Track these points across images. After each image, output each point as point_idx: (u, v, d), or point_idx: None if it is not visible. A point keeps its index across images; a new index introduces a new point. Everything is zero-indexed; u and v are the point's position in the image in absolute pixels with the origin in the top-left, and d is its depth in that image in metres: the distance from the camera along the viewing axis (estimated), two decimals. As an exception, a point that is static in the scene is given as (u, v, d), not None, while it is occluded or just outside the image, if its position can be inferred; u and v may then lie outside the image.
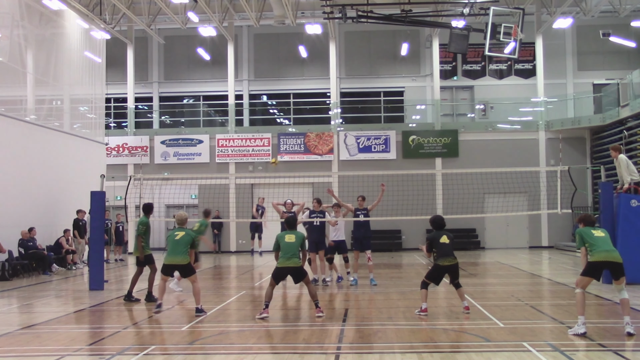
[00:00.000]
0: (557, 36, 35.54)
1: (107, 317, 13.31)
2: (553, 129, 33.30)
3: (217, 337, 10.68)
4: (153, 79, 38.51)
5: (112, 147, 33.61)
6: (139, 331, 11.09)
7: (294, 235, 12.48)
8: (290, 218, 13.25)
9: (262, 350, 9.51)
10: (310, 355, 9.21)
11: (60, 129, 26.47)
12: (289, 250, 12.23)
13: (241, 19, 35.39)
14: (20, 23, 23.65)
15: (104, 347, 10.03)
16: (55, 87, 26.79)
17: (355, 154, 33.69)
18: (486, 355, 8.79)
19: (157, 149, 34.57)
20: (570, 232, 32.58)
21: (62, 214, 24.25)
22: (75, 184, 24.90)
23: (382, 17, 23.61)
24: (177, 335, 10.74)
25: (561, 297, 14.80)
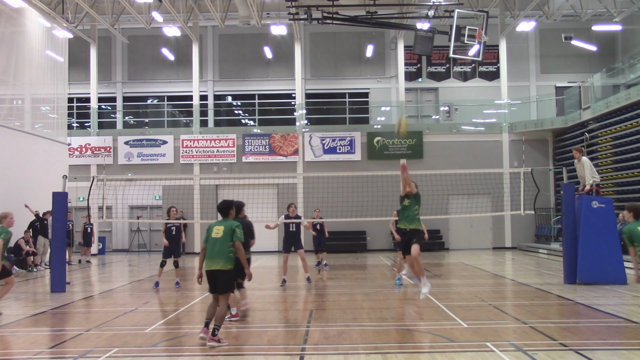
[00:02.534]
0: (521, 39, 35.94)
1: (69, 320, 13.13)
2: (516, 130, 33.64)
3: (182, 339, 10.60)
4: (117, 79, 38.17)
5: (75, 147, 33.26)
6: (102, 333, 10.95)
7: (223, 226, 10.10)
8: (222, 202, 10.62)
9: (227, 351, 9.45)
10: (275, 356, 9.19)
11: (21, 129, 26.06)
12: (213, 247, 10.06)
13: (206, 19, 35.21)
14: (-21, 21, 23.28)
15: (65, 350, 9.88)
16: (16, 87, 26.36)
17: (320, 155, 33.70)
18: (450, 356, 8.82)
19: (121, 149, 34.26)
20: (533, 233, 32.96)
21: (23, 216, 23.88)
22: (36, 185, 24.55)
23: (347, 19, 23.65)
24: (140, 337, 10.63)
25: (524, 297, 14.92)
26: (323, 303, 14.33)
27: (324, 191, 26.62)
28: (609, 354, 8.86)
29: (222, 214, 10.31)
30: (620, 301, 13.80)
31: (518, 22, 32.76)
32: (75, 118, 36.93)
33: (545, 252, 28.83)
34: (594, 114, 29.13)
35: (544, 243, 31.00)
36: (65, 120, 30.38)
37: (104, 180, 19.76)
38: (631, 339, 10.05)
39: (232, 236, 9.87)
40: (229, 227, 9.93)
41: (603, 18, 34.20)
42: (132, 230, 35.33)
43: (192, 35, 34.61)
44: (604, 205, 16.95)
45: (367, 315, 12.54)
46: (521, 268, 22.92)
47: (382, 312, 13.03)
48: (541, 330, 10.46)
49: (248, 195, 26.23)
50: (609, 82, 29.94)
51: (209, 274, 10.01)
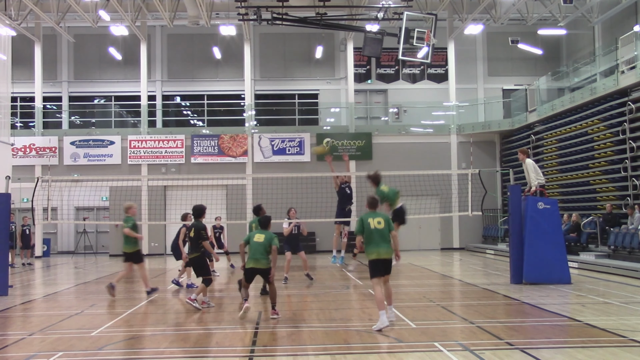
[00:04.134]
0: (469, 42, 36.38)
1: (12, 324, 12.83)
2: (464, 132, 34.02)
3: (128, 342, 10.45)
4: (62, 78, 37.53)
5: (19, 147, 32.60)
6: (46, 337, 10.73)
7: (264, 235, 12.23)
8: (264, 218, 12.84)
9: (174, 354, 9.35)
10: (223, 358, 9.12)
11: (-38, 128, 25.46)
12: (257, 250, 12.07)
13: (154, 18, 34.88)
14: None
15: (7, 355, 9.65)
16: (-43, 85, 25.75)
17: (269, 156, 33.62)
18: (398, 356, 8.85)
19: (67, 149, 33.67)
20: (481, 234, 33.37)
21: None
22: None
23: (297, 20, 23.64)
24: (86, 341, 10.44)
25: (471, 297, 15.07)
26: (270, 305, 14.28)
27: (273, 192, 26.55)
28: (553, 352, 9.00)
29: (263, 226, 12.53)
30: (565, 300, 14.03)
31: (466, 25, 33.14)
32: (19, 117, 36.21)
33: (492, 252, 29.22)
34: (539, 116, 29.63)
35: (491, 244, 31.41)
36: (8, 120, 29.65)
37: (49, 181, 19.39)
38: (575, 337, 10.21)
39: (272, 243, 12.05)
40: (269, 237, 12.13)
41: (548, 22, 34.86)
42: (78, 232, 34.79)
43: (140, 35, 34.22)
44: (549, 206, 17.22)
45: (316, 316, 12.53)
46: (469, 268, 23.17)
47: (331, 313, 13.03)
48: (488, 329, 10.57)
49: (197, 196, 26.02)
50: (554, 85, 30.49)
51: (250, 271, 12.11)
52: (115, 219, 29.67)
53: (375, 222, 11.16)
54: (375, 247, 11.06)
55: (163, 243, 32.56)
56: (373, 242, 11.08)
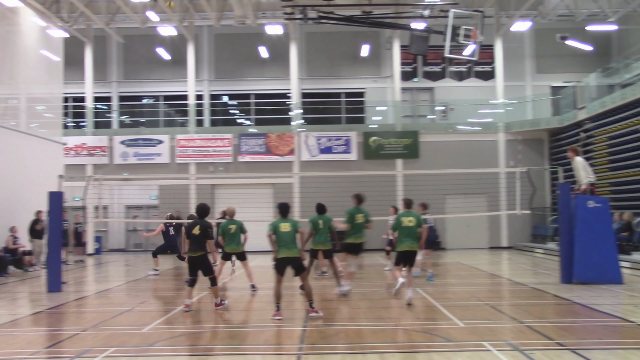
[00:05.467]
0: (516, 39, 35.97)
1: (66, 320, 13.11)
2: (512, 130, 33.67)
3: (178, 339, 10.60)
4: (112, 79, 38.13)
5: (71, 147, 33.18)
6: (98, 333, 10.93)
7: (289, 223, 12.30)
8: (283, 204, 12.75)
9: (225, 351, 9.45)
10: (272, 356, 9.20)
11: (16, 128, 26.02)
12: (286, 239, 12.11)
13: (202, 18, 35.18)
14: (-27, 20, 23.24)
15: (62, 349, 9.87)
16: (11, 86, 26.32)
17: (316, 154, 33.68)
18: (447, 355, 8.83)
19: (117, 149, 34.19)
20: (530, 233, 32.99)
21: (19, 215, 23.84)
22: (32, 185, 24.48)
23: (343, 18, 23.61)
24: (137, 337, 10.61)
25: (520, 296, 14.94)
26: (320, 303, 14.31)
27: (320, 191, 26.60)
28: (605, 353, 8.88)
29: (283, 214, 12.48)
30: (617, 300, 13.82)
31: (513, 21, 32.80)
32: (70, 117, 36.86)
33: (541, 251, 28.87)
34: (589, 113, 29.18)
35: (540, 242, 31.05)
36: (60, 120, 30.35)
37: (100, 180, 19.73)
38: (628, 338, 10.07)
39: (297, 227, 12.27)
40: (294, 222, 12.32)
41: (598, 18, 34.25)
42: (128, 230, 35.31)
43: (188, 35, 34.59)
44: (600, 204, 16.97)
45: (364, 315, 12.55)
46: (517, 267, 22.95)
47: (379, 312, 13.03)
48: (538, 329, 10.47)
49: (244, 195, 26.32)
50: (604, 81, 30.00)
51: (283, 261, 12.09)
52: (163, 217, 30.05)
53: (407, 220, 13.41)
54: (405, 241, 13.34)
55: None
56: (403, 237, 13.37)
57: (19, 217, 23.79)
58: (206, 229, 13.19)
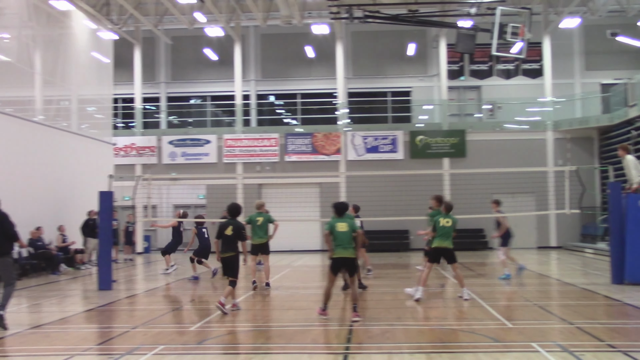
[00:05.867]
0: (565, 36, 35.46)
1: (116, 317, 13.34)
2: (561, 129, 33.22)
3: (226, 337, 10.71)
4: (160, 79, 38.61)
5: (120, 147, 33.68)
6: (148, 331, 11.10)
7: (346, 222, 12.07)
8: (340, 204, 12.58)
9: (271, 350, 9.52)
10: (319, 355, 9.22)
11: (68, 129, 26.54)
12: (343, 239, 11.87)
13: (248, 19, 35.40)
14: (27, 24, 23.74)
15: (112, 346, 10.05)
16: (63, 88, 26.86)
17: (362, 154, 33.66)
18: (494, 356, 8.77)
19: (165, 149, 34.61)
20: (579, 233, 32.52)
21: (70, 214, 24.30)
22: (83, 184, 24.94)
23: (389, 17, 23.58)
24: (186, 335, 10.76)
25: (570, 297, 14.76)
26: (366, 302, 14.30)
27: (367, 190, 26.63)
28: (658, 355, 8.73)
29: (339, 213, 12.21)
30: (669, 302, 13.56)
31: (562, 18, 32.34)
32: (120, 118, 37.42)
33: (591, 251, 28.43)
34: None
35: (590, 242, 30.55)
36: (110, 121, 30.85)
37: (149, 180, 20.01)
38: (681, 340, 9.88)
39: (353, 228, 11.95)
40: (351, 223, 12.05)
41: (650, 13, 33.60)
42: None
43: (235, 35, 34.85)
44: (651, 204, 16.66)
45: (411, 315, 12.53)
46: (567, 268, 22.66)
47: (425, 312, 13.00)
48: (588, 330, 10.33)
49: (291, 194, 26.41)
50: (656, 78, 29.41)
51: (339, 261, 11.87)
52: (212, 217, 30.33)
53: (444, 221, 14.20)
54: (440, 241, 14.18)
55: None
56: (439, 236, 14.18)
57: (70, 217, 24.25)
58: (240, 230, 12.91)
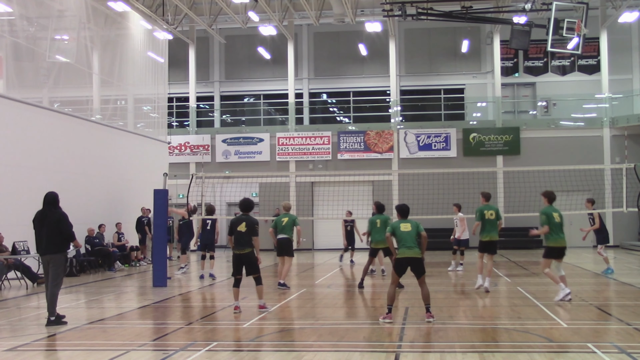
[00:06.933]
0: (623, 31, 34.73)
1: (171, 314, 13.54)
2: (618, 125, 32.58)
3: (279, 334, 10.79)
4: (214, 78, 38.97)
5: (175, 145, 34.13)
6: (202, 327, 11.25)
7: (409, 223, 11.92)
8: (404, 205, 12.36)
9: (323, 347, 9.56)
10: (371, 353, 9.22)
11: (124, 128, 27.02)
12: (407, 239, 11.69)
13: (301, 17, 35.54)
14: (86, 25, 24.21)
15: (167, 342, 10.21)
16: (120, 87, 27.36)
17: (415, 151, 33.52)
18: (549, 356, 8.67)
19: (219, 147, 34.96)
20: (637, 232, 31.86)
21: (127, 212, 24.74)
22: (138, 182, 25.38)
23: (442, 14, 23.43)
24: (239, 332, 10.88)
25: (627, 297, 14.48)
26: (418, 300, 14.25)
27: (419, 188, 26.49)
28: None
29: (403, 215, 12.10)
30: None
31: (620, 12, 31.67)
32: (174, 117, 37.91)
33: (649, 250, 27.87)
34: (701, 107, 27.94)
35: (649, 241, 29.94)
36: (165, 120, 31.28)
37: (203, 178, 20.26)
38: None
39: (418, 229, 11.79)
40: (415, 224, 11.89)
41: None
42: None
43: (288, 34, 35.00)
44: None
45: (464, 314, 12.46)
46: (624, 267, 22.25)
47: (478, 311, 12.91)
48: (646, 331, 10.15)
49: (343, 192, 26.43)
50: None
51: (403, 261, 11.69)
52: (265, 214, 30.56)
53: (488, 213, 15.25)
54: (487, 233, 15.17)
55: (311, 238, 33.20)
56: (485, 229, 15.19)
57: (126, 214, 24.69)
58: (253, 225, 12.63)
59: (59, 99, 23.75)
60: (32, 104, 20.50)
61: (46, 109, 21.70)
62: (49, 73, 22.76)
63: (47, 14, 22.91)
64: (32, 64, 21.75)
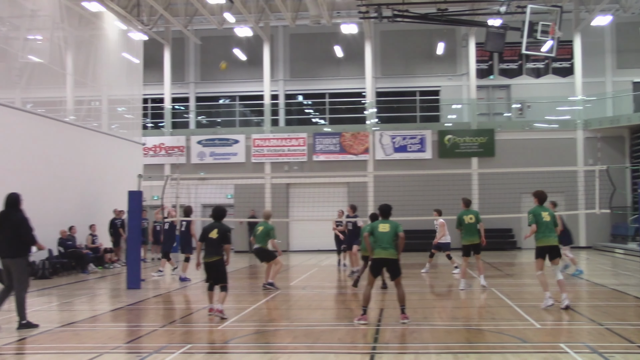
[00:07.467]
0: (596, 34, 35.08)
1: (145, 316, 13.46)
2: (591, 128, 32.89)
3: (253, 337, 10.75)
4: (189, 79, 38.82)
5: (149, 147, 33.91)
6: (176, 330, 11.19)
7: (389, 224, 11.89)
8: (385, 206, 12.27)
9: (298, 349, 9.54)
10: (346, 355, 9.23)
11: (98, 129, 26.80)
12: (383, 240, 11.66)
13: (277, 19, 35.47)
14: (60, 25, 23.99)
15: (141, 345, 10.14)
16: (94, 88, 27.13)
17: (390, 153, 33.59)
18: (522, 356, 8.72)
19: (194, 149, 34.80)
20: (609, 233, 32.19)
21: (100, 214, 24.54)
22: (113, 184, 25.18)
23: (418, 16, 23.52)
24: (214, 334, 10.84)
25: (599, 298, 14.62)
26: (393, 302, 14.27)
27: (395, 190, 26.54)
28: (689, 357, 8.61)
29: (383, 215, 12.10)
30: (701, 303, 13.38)
31: (593, 16, 31.99)
32: (149, 118, 37.68)
33: (621, 252, 28.13)
34: (673, 110, 28.28)
35: (621, 243, 30.23)
36: (140, 121, 31.08)
37: (178, 179, 20.14)
38: None
39: (397, 230, 11.72)
40: (394, 224, 11.82)
41: (684, 10, 33.12)
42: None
43: (264, 35, 34.94)
44: (683, 204, 16.45)
45: (438, 315, 12.50)
46: (596, 268, 22.44)
47: (453, 312, 12.96)
48: (618, 332, 10.23)
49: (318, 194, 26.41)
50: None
51: (378, 261, 11.68)
52: (240, 216, 30.48)
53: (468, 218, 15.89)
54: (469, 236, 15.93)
55: (286, 240, 33.16)
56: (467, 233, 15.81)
57: (100, 216, 24.49)
58: (225, 233, 12.43)
59: (31, 100, 23.50)
60: (4, 105, 20.22)
61: (19, 109, 21.43)
62: (21, 73, 22.52)
63: (20, 13, 22.66)
64: (4, 64, 21.53)
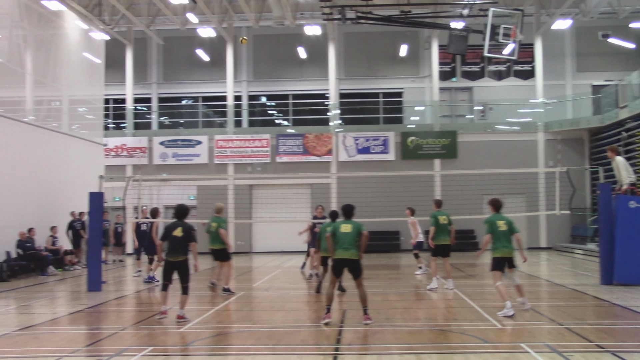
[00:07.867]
0: (557, 37, 35.54)
1: (105, 318, 13.31)
2: (552, 130, 33.30)
3: (216, 338, 10.69)
4: (152, 80, 38.50)
5: (111, 148, 33.60)
6: (137, 332, 11.08)
7: (351, 225, 11.80)
8: (347, 206, 12.13)
9: (260, 351, 9.50)
10: (309, 356, 9.22)
11: (59, 129, 26.46)
12: (345, 241, 11.59)
13: (240, 20, 35.36)
14: (19, 24, 23.68)
15: (101, 348, 10.03)
16: (54, 88, 26.79)
17: (354, 155, 33.66)
18: (484, 357, 8.78)
19: (156, 149, 34.53)
20: (569, 234, 32.60)
21: (60, 215, 24.22)
22: (73, 185, 24.87)
23: (381, 18, 23.62)
24: (175, 336, 10.74)
25: (559, 298, 14.79)
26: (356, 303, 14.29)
27: (358, 191, 26.62)
28: (646, 356, 8.75)
29: (346, 215, 11.99)
30: (658, 303, 13.59)
31: (554, 20, 32.42)
32: (111, 119, 37.30)
33: (581, 252, 28.51)
34: (631, 112, 28.69)
35: (580, 243, 30.64)
36: (101, 121, 30.77)
37: (140, 181, 19.95)
38: (669, 341, 9.90)
39: (360, 230, 11.68)
40: (357, 225, 11.75)
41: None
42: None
43: (227, 36, 34.80)
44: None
45: (401, 316, 12.53)
46: (556, 269, 22.70)
47: (415, 313, 13.00)
48: (577, 331, 10.36)
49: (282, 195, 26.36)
50: (646, 80, 29.48)
51: (339, 262, 11.60)
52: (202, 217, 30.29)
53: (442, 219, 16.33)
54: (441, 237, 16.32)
55: (249, 241, 33.07)
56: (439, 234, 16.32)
57: (60, 217, 24.18)
58: (190, 231, 12.21)
59: (-11, 99, 23.17)
60: (-39, 104, 19.94)
61: (-24, 109, 21.13)
62: (-22, 72, 22.20)
63: (-23, 11, 22.33)
64: (-39, 62, 21.18)
